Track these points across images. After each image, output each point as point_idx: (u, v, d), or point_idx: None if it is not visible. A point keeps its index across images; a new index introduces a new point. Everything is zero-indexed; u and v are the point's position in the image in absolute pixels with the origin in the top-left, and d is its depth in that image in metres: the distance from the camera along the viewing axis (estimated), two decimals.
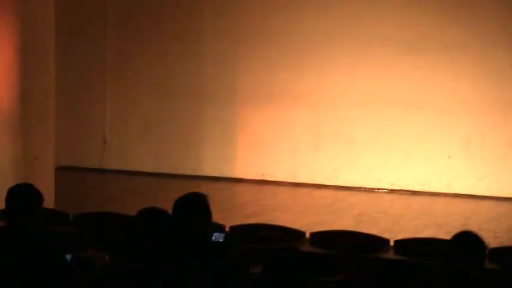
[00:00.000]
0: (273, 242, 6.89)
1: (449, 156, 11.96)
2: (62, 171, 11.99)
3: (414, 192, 12.01)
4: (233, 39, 12.73)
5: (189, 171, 12.80)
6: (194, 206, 5.10)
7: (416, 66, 12.02)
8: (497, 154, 11.57)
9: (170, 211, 5.08)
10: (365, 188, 12.19)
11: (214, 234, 5.55)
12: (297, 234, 7.28)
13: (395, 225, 10.07)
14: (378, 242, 7.12)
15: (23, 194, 5.28)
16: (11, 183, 5.72)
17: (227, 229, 6.98)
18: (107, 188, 12.24)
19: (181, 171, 12.82)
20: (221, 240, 5.77)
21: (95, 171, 13.16)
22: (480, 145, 11.68)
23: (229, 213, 9.39)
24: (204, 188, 5.68)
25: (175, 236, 4.88)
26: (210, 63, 12.86)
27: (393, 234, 7.48)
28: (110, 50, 13.22)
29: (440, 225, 10.10)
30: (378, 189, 12.20)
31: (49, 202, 8.18)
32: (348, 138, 12.42)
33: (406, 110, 12.10)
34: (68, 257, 5.24)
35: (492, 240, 5.34)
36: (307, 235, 7.31)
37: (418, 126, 12.04)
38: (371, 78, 12.23)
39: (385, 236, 7.30)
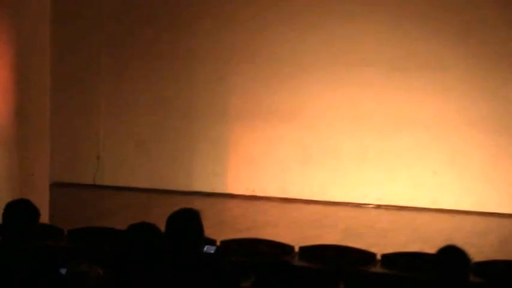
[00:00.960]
0: (263, 256, 6.89)
1: (435, 173, 11.98)
2: (57, 187, 11.97)
3: (400, 208, 12.02)
4: (223, 61, 12.75)
5: (181, 187, 12.80)
6: (187, 221, 5.10)
7: (402, 85, 12.06)
8: (481, 170, 11.60)
9: (163, 226, 5.08)
10: (352, 203, 12.20)
11: (206, 246, 5.56)
12: (287, 249, 7.27)
13: (382, 240, 10.07)
14: (365, 256, 7.12)
15: (21, 209, 5.29)
16: (7, 198, 5.72)
17: (218, 243, 6.98)
18: (100, 203, 12.21)
19: (173, 187, 12.81)
20: (212, 252, 5.77)
21: (88, 187, 13.15)
22: (464, 162, 11.71)
23: (221, 227, 9.40)
24: (195, 204, 5.68)
25: (168, 250, 4.88)
26: (201, 83, 12.88)
27: (380, 249, 7.45)
28: (104, 71, 13.24)
29: (425, 240, 10.09)
30: (365, 204, 12.21)
31: (44, 217, 8.14)
32: (335, 154, 12.44)
33: (392, 127, 12.13)
34: (63, 270, 5.23)
35: (476, 254, 5.34)
36: (297, 249, 7.31)
37: (403, 143, 12.07)
38: (357, 97, 12.27)
39: (372, 250, 7.28)
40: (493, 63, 11.71)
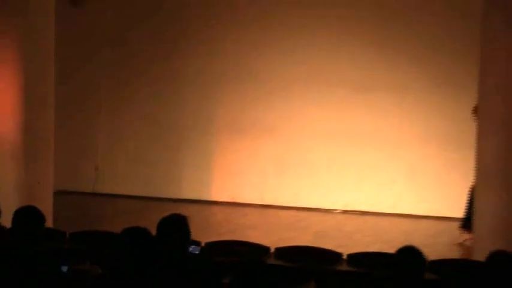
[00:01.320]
0: (243, 256, 6.88)
1: (394, 182, 12.01)
2: (60, 195, 11.91)
3: (364, 213, 12.03)
4: (209, 82, 12.77)
5: (171, 195, 12.76)
6: (176, 225, 5.10)
7: (367, 104, 12.10)
8: (434, 180, 11.65)
9: (155, 229, 5.08)
10: (322, 209, 12.19)
11: (191, 247, 5.54)
12: (264, 250, 7.28)
13: (348, 241, 10.06)
14: (333, 256, 7.13)
15: (28, 215, 5.28)
16: (14, 205, 5.70)
17: (203, 245, 6.96)
18: (99, 209, 12.16)
19: (164, 195, 12.77)
20: (197, 252, 5.76)
21: (88, 195, 13.08)
22: (421, 172, 11.75)
23: (206, 231, 9.37)
24: (183, 209, 5.66)
25: (159, 251, 4.87)
26: (189, 102, 12.87)
27: (346, 249, 7.46)
28: (103, 89, 13.22)
29: (386, 241, 10.08)
30: (334, 210, 12.21)
31: (48, 222, 8.10)
32: (308, 166, 12.45)
33: (358, 141, 12.15)
34: (65, 268, 5.22)
35: (431, 253, 5.35)
36: (273, 250, 7.31)
37: (368, 156, 12.10)
38: (328, 114, 12.29)
39: (340, 250, 7.30)
40: (445, 87, 11.78)
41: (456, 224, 10.37)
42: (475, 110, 10.16)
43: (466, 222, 10.01)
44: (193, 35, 12.78)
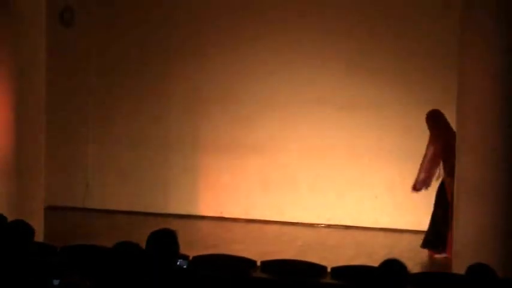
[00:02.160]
0: (230, 269, 6.84)
1: (376, 197, 12.02)
2: (51, 210, 11.84)
3: (347, 227, 12.02)
4: (195, 101, 12.75)
5: (159, 210, 12.70)
6: (165, 240, 5.07)
7: (348, 122, 12.12)
8: (414, 195, 11.60)
9: (143, 243, 5.04)
10: (306, 223, 12.17)
11: (179, 261, 5.51)
12: (250, 263, 7.24)
13: (331, 255, 10.04)
14: (317, 269, 7.10)
15: (18, 229, 5.24)
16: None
17: (191, 258, 6.93)
18: (89, 224, 12.08)
19: (152, 210, 12.71)
20: (185, 266, 5.73)
21: (78, 210, 13.01)
22: (401, 188, 11.68)
23: (193, 245, 9.32)
24: (171, 224, 5.64)
25: (149, 264, 4.84)
26: (175, 118, 12.85)
27: (330, 262, 7.43)
28: (91, 107, 13.17)
29: (369, 254, 10.09)
30: (317, 224, 12.19)
31: (39, 236, 8.07)
32: (292, 181, 12.44)
33: (340, 158, 12.16)
34: (56, 282, 5.17)
35: (412, 266, 5.35)
36: (258, 263, 7.28)
37: (350, 172, 12.10)
38: (311, 131, 12.30)
39: (323, 263, 7.28)
40: (423, 104, 11.82)
41: None
42: (428, 118, 10.22)
43: (428, 242, 10.05)
44: (180, 55, 12.77)
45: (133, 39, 12.97)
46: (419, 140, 11.60)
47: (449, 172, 9.63)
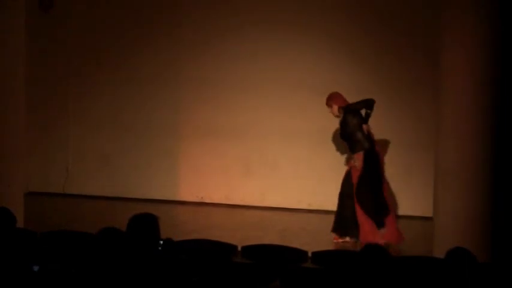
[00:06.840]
0: (210, 255, 6.85)
1: None
2: (31, 195, 11.82)
3: (328, 212, 12.01)
4: (177, 86, 12.72)
5: (140, 195, 12.70)
6: (146, 224, 5.07)
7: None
8: (398, 180, 11.68)
9: (123, 227, 5.04)
10: (287, 208, 12.20)
11: (160, 246, 5.50)
12: (231, 248, 7.25)
13: (312, 240, 10.09)
14: (298, 254, 7.13)
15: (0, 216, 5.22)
16: None
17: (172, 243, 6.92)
18: (69, 210, 12.06)
19: (133, 195, 12.70)
20: (166, 251, 5.72)
21: (59, 196, 12.97)
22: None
23: (173, 230, 9.32)
24: (151, 209, 5.62)
25: (130, 248, 4.84)
26: (156, 103, 12.82)
27: (311, 247, 7.46)
28: (72, 95, 13.12)
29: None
30: (298, 209, 12.22)
31: (19, 223, 8.01)
32: (273, 166, 12.46)
33: (321, 144, 12.18)
34: (36, 268, 5.16)
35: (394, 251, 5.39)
36: (239, 249, 7.29)
37: (330, 158, 12.11)
38: (291, 116, 12.32)
39: (305, 248, 7.30)
40: (405, 91, 11.87)
41: (422, 223, 10.45)
42: (329, 102, 10.24)
43: (336, 226, 10.12)
44: (160, 41, 12.73)
45: (113, 25, 12.90)
46: (401, 126, 11.70)
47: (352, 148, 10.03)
